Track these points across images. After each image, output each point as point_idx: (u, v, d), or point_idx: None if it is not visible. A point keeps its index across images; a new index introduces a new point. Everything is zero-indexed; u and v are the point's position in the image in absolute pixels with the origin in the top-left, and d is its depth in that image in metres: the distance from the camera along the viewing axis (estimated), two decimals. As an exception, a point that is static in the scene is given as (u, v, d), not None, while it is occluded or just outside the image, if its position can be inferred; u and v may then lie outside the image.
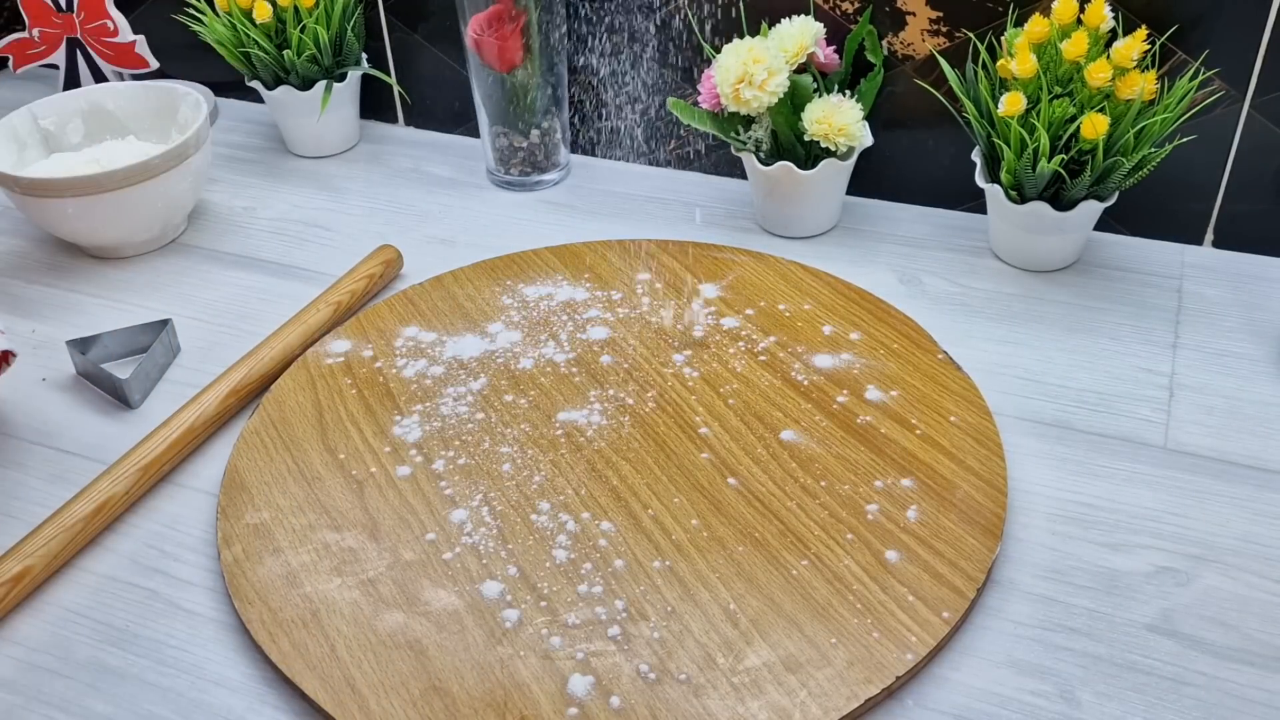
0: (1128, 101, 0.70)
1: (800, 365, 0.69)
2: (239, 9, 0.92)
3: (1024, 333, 0.74)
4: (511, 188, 0.93)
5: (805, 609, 0.54)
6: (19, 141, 0.88)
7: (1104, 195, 0.74)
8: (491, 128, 0.91)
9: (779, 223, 0.85)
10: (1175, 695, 0.51)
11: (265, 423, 0.67)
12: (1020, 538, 0.59)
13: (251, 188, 0.96)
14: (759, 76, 0.75)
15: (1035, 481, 0.62)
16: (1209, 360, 0.71)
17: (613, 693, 0.50)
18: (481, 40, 0.85)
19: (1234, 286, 0.77)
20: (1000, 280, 0.79)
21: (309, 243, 0.88)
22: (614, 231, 0.86)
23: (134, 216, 0.84)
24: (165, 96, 0.92)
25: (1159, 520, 0.59)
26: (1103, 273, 0.79)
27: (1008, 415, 0.66)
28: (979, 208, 0.84)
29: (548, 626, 0.53)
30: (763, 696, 0.50)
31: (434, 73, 1.00)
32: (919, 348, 0.70)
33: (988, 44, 0.77)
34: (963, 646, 0.53)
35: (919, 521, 0.58)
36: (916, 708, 0.51)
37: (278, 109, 0.98)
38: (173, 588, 0.59)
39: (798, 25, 0.79)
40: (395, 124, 1.05)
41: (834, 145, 0.79)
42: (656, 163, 0.96)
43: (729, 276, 0.78)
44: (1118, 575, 0.57)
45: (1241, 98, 0.75)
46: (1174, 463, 0.63)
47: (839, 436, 0.64)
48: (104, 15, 1.05)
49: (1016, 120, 0.71)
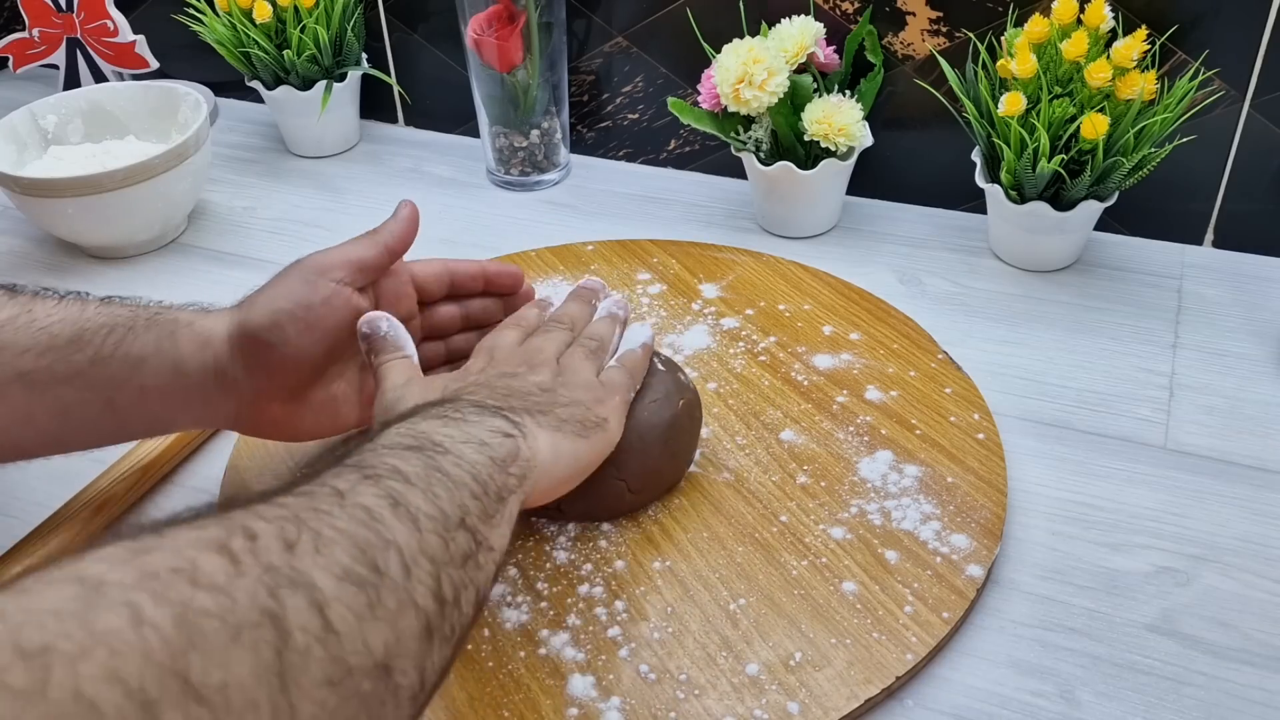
0: (1128, 101, 0.70)
1: (800, 365, 0.69)
2: (239, 9, 0.92)
3: (1024, 333, 0.74)
4: (511, 188, 0.93)
5: (805, 609, 0.54)
6: (19, 141, 0.88)
7: (1104, 195, 0.74)
8: (491, 128, 0.91)
9: (779, 223, 0.85)
10: (1175, 695, 0.51)
11: (265, 423, 0.67)
12: (1020, 538, 0.59)
13: (251, 188, 0.96)
14: (759, 76, 0.75)
15: (1035, 481, 0.62)
16: (1209, 360, 0.71)
17: (613, 693, 0.50)
18: (481, 40, 0.85)
19: (1234, 286, 0.77)
20: (1000, 280, 0.79)
21: (309, 243, 0.87)
22: (614, 231, 0.86)
23: (134, 216, 0.84)
24: (165, 96, 0.92)
25: (1159, 520, 0.59)
26: (1103, 273, 0.79)
27: (1008, 415, 0.66)
28: (979, 208, 0.84)
29: (548, 627, 0.53)
30: (763, 696, 0.50)
31: (434, 73, 1.00)
32: (919, 348, 0.70)
33: (988, 44, 0.77)
34: (963, 646, 0.53)
35: (919, 521, 0.58)
36: (916, 708, 0.51)
37: (278, 109, 0.98)
38: (173, 588, 0.59)
39: (798, 25, 0.79)
40: (395, 124, 1.05)
41: (834, 145, 0.79)
42: (656, 163, 0.96)
43: (729, 276, 0.78)
44: (1118, 575, 0.57)
45: (1241, 98, 0.75)
46: (1174, 463, 0.63)
47: (839, 437, 0.64)
48: (104, 15, 1.05)
49: (1016, 120, 0.71)
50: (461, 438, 0.44)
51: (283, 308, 0.54)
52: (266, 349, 0.54)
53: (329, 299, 0.55)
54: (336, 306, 0.55)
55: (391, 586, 0.34)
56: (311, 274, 0.55)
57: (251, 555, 0.31)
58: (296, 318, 0.54)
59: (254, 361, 0.54)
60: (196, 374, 0.54)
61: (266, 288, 0.56)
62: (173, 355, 0.53)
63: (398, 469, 0.39)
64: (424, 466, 0.40)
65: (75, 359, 0.51)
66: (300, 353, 0.54)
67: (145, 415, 0.54)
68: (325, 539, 0.34)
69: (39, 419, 0.51)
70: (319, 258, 0.56)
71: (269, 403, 0.56)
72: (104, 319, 0.52)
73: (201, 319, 0.55)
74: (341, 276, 0.55)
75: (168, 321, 0.54)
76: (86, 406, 0.52)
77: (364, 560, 0.34)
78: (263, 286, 0.56)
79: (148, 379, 0.52)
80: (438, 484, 0.40)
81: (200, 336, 0.54)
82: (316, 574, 0.32)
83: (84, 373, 0.51)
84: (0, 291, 0.52)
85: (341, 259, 0.56)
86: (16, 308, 0.51)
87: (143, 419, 0.54)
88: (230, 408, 0.55)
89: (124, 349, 0.52)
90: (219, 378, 0.54)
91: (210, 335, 0.54)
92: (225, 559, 0.31)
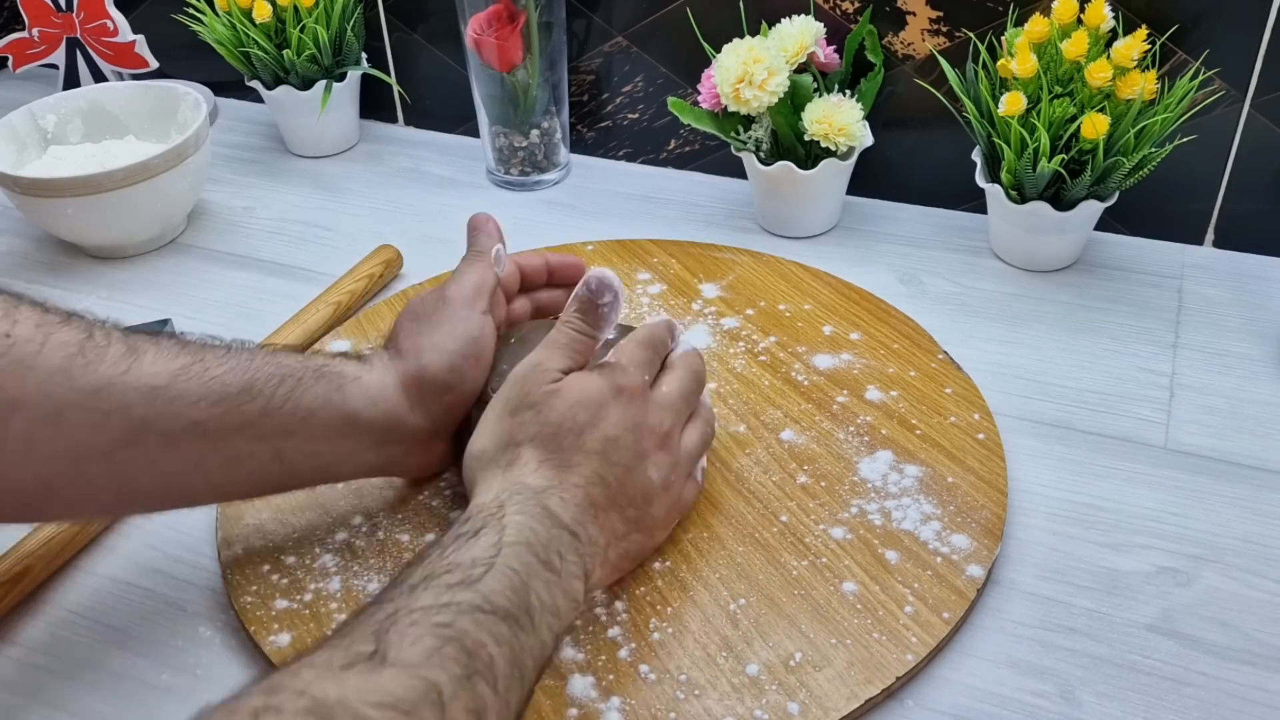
0: (1128, 101, 0.70)
1: (800, 365, 0.69)
2: (239, 9, 0.92)
3: (1024, 333, 0.73)
4: (511, 188, 0.93)
5: (805, 609, 0.54)
6: (18, 141, 0.88)
7: (1104, 195, 0.74)
8: (491, 128, 0.91)
9: (779, 223, 0.85)
10: (1175, 695, 0.51)
11: (265, 423, 0.67)
12: (1020, 538, 0.59)
13: (251, 188, 0.96)
14: (759, 76, 0.75)
15: (1035, 481, 0.62)
16: (1209, 360, 0.70)
17: (613, 693, 0.50)
18: (481, 40, 0.85)
19: (1234, 286, 0.77)
20: (1000, 280, 0.79)
21: (309, 243, 0.88)
22: (614, 231, 0.86)
23: (134, 216, 0.84)
24: (165, 96, 0.92)
25: (1159, 520, 0.59)
26: (1103, 273, 0.79)
27: (1008, 415, 0.66)
28: (979, 208, 0.84)
29: (548, 627, 0.53)
30: (763, 697, 0.50)
31: (434, 73, 1.00)
32: (919, 348, 0.70)
33: (988, 44, 0.77)
34: (963, 647, 0.53)
35: (919, 521, 0.58)
36: (916, 708, 0.51)
37: (278, 109, 0.98)
38: (173, 588, 0.59)
39: (798, 25, 0.79)
40: (395, 124, 1.05)
41: (834, 145, 0.79)
42: (656, 162, 0.96)
43: (729, 276, 0.78)
44: (1118, 575, 0.56)
45: (1241, 98, 0.75)
46: (1174, 463, 0.63)
47: (839, 437, 0.64)
48: (104, 15, 1.05)
49: (1017, 120, 0.71)
50: (549, 603, 0.45)
51: (455, 349, 0.56)
52: (449, 391, 0.56)
53: (484, 331, 0.58)
54: (489, 335, 0.58)
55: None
56: (461, 310, 0.58)
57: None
58: (469, 356, 0.57)
59: (437, 406, 0.56)
60: (368, 426, 0.55)
61: (424, 331, 0.57)
62: (342, 408, 0.54)
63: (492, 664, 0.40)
64: (509, 664, 0.41)
65: (247, 409, 0.51)
66: (475, 388, 0.57)
67: (313, 467, 0.55)
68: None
69: (210, 468, 0.52)
70: (456, 291, 0.58)
71: (439, 442, 0.58)
72: (273, 369, 0.53)
73: (367, 373, 0.56)
74: (484, 307, 0.58)
75: (334, 375, 0.55)
76: (255, 457, 0.52)
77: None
78: (412, 330, 0.58)
79: (317, 430, 0.53)
80: (514, 690, 0.41)
81: (369, 393, 0.55)
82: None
83: (254, 423, 0.52)
84: (171, 340, 0.52)
85: (478, 289, 0.59)
86: (189, 357, 0.51)
87: (310, 470, 0.55)
88: (398, 453, 0.57)
89: (294, 401, 0.53)
90: (389, 427, 0.56)
91: (380, 390, 0.55)
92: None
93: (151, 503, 0.53)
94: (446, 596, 0.41)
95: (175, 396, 0.50)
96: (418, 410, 0.56)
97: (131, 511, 0.54)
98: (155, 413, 0.49)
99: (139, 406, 0.49)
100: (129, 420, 0.49)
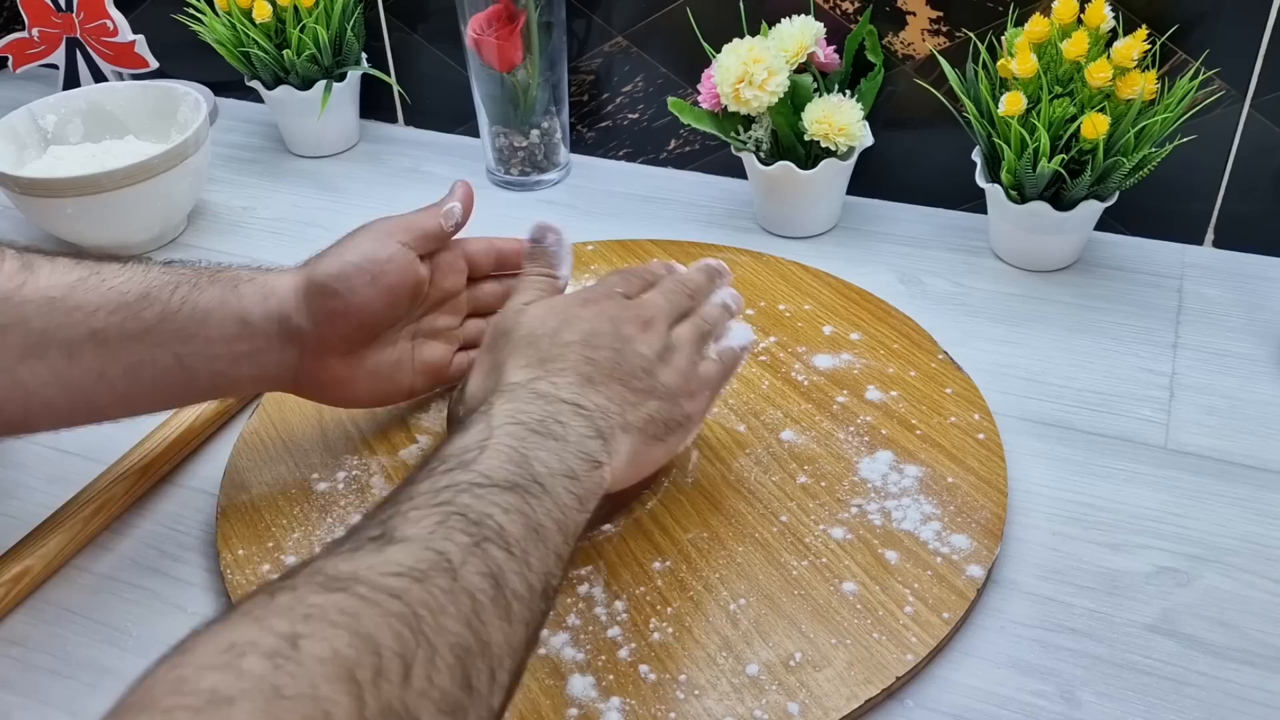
0: (1128, 101, 0.70)
1: (800, 365, 0.69)
2: (239, 9, 0.92)
3: (1024, 333, 0.73)
4: (511, 188, 0.93)
5: (805, 609, 0.54)
6: (18, 141, 0.88)
7: (1104, 195, 0.74)
8: (491, 127, 0.91)
9: (779, 223, 0.85)
10: (1176, 695, 0.51)
11: (265, 423, 0.67)
12: (1020, 538, 0.59)
13: (251, 188, 0.96)
14: (759, 76, 0.75)
15: (1035, 481, 0.62)
16: (1209, 360, 0.70)
17: (613, 693, 0.50)
18: (481, 40, 0.85)
19: (1234, 286, 0.77)
20: (1000, 280, 0.79)
21: (309, 243, 0.87)
22: (614, 231, 0.86)
23: (134, 216, 0.84)
24: (165, 96, 0.92)
25: (1159, 520, 0.59)
26: (1103, 273, 0.79)
27: (1008, 415, 0.66)
28: (979, 208, 0.84)
29: (548, 627, 0.53)
30: (763, 697, 0.50)
31: (434, 73, 1.00)
32: (919, 348, 0.70)
33: (988, 44, 0.77)
34: (963, 647, 0.53)
35: (919, 521, 0.58)
36: (916, 708, 0.51)
37: (277, 109, 0.98)
38: (172, 588, 0.59)
39: (798, 25, 0.79)
40: (395, 124, 1.05)
41: (834, 145, 0.79)
42: (656, 162, 0.96)
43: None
44: (1118, 575, 0.56)
45: (1241, 98, 0.75)
46: (1174, 463, 0.63)
47: (839, 437, 0.64)
48: (104, 15, 1.05)
49: (1017, 120, 0.71)
50: (559, 468, 0.46)
51: (350, 260, 0.58)
52: (333, 297, 0.57)
53: (393, 257, 0.59)
54: (400, 265, 0.59)
55: (476, 702, 0.37)
56: (379, 234, 0.59)
57: (374, 690, 0.33)
58: (363, 270, 0.58)
59: (319, 310, 0.57)
60: (260, 324, 0.56)
61: (335, 245, 0.60)
62: (236, 307, 0.56)
63: (502, 530, 0.41)
64: (523, 527, 0.42)
65: (144, 315, 0.53)
66: (364, 304, 0.58)
67: (211, 372, 0.56)
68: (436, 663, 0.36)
69: (112, 377, 0.53)
70: (387, 222, 0.60)
71: (330, 356, 0.59)
72: (169, 277, 0.55)
73: (263, 275, 0.58)
74: (407, 240, 0.60)
75: (230, 277, 0.57)
76: (156, 364, 0.54)
77: (463, 681, 0.36)
78: (331, 245, 0.60)
79: (213, 331, 0.55)
80: (533, 550, 0.42)
81: (263, 289, 0.57)
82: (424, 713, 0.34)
83: (153, 329, 0.53)
84: (66, 257, 0.54)
85: (408, 225, 0.60)
86: (85, 270, 0.53)
87: (209, 376, 0.56)
88: (292, 360, 0.58)
89: (190, 303, 0.54)
90: (282, 328, 0.57)
91: (274, 288, 0.57)
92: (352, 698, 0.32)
93: (59, 417, 0.54)
94: (444, 481, 0.43)
95: (73, 307, 0.51)
96: (302, 311, 0.57)
97: (41, 427, 0.55)
98: (54, 324, 0.51)
99: (37, 319, 0.50)
100: (28, 333, 0.50)
